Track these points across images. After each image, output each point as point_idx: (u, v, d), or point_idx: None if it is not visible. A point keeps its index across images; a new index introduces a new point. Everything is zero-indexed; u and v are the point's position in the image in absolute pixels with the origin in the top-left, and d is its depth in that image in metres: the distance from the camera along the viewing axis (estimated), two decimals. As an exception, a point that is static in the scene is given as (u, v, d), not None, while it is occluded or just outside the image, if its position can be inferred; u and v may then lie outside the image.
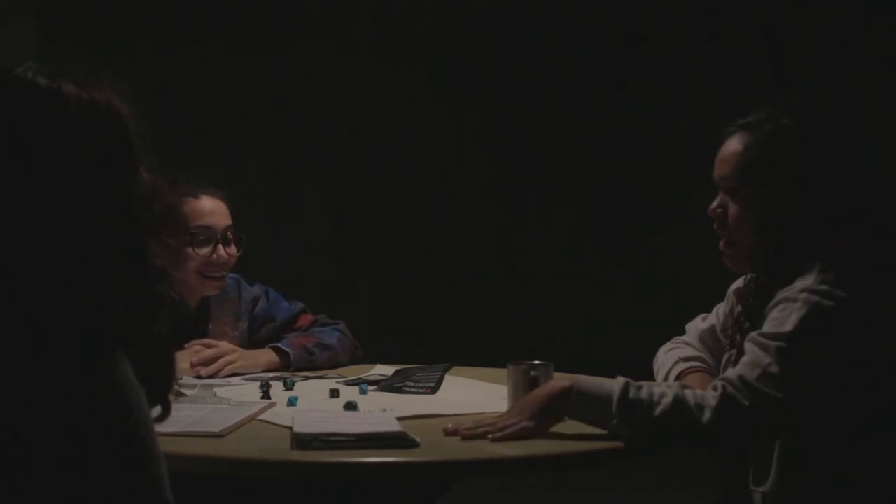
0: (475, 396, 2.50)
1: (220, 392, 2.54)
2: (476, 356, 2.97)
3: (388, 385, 2.63)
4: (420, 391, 2.56)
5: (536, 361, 2.25)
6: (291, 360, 2.90)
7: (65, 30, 5.90)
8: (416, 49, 6.52)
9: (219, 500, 2.15)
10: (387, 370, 2.86)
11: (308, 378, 2.79)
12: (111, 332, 1.34)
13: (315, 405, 2.40)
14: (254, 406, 2.30)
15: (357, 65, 6.48)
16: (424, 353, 3.12)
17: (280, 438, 2.03)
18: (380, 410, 2.28)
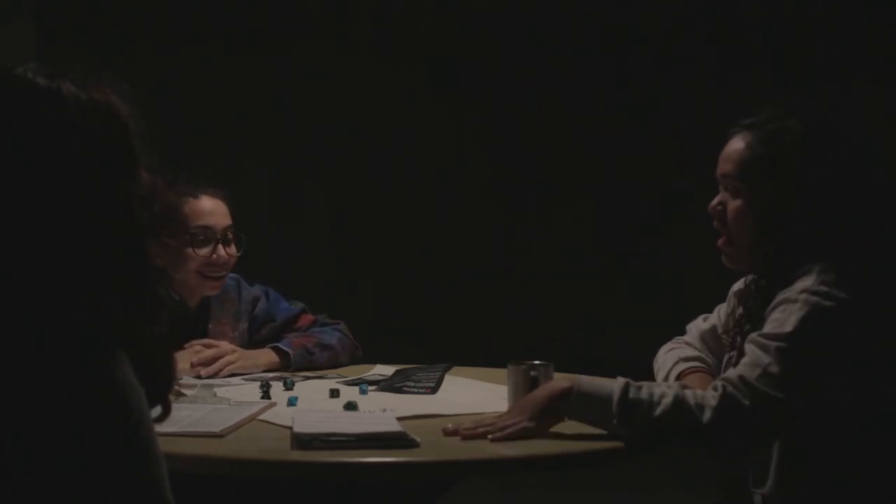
0: (475, 396, 2.50)
1: (220, 392, 2.54)
2: (476, 356, 2.97)
3: (388, 385, 2.63)
4: (420, 391, 2.56)
5: (536, 361, 2.25)
6: (291, 360, 2.90)
7: (65, 30, 5.90)
8: (416, 49, 6.52)
9: (219, 500, 2.15)
10: (387, 370, 2.86)
11: (308, 378, 2.79)
12: (111, 332, 1.34)
13: (315, 405, 2.40)
14: (254, 406, 2.30)
15: (357, 65, 6.48)
16: (424, 353, 3.12)
17: (280, 438, 2.03)
18: (380, 410, 2.28)
